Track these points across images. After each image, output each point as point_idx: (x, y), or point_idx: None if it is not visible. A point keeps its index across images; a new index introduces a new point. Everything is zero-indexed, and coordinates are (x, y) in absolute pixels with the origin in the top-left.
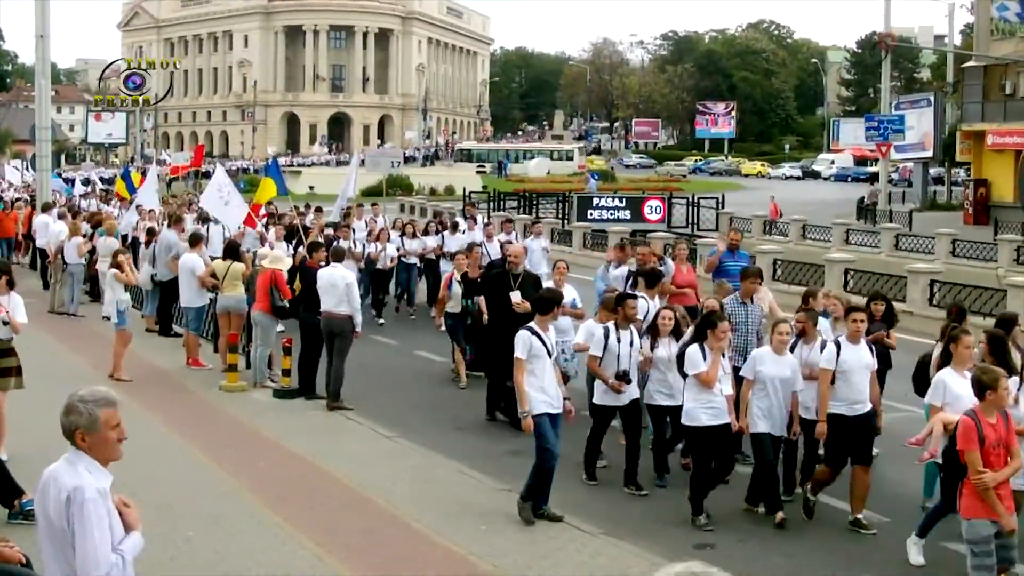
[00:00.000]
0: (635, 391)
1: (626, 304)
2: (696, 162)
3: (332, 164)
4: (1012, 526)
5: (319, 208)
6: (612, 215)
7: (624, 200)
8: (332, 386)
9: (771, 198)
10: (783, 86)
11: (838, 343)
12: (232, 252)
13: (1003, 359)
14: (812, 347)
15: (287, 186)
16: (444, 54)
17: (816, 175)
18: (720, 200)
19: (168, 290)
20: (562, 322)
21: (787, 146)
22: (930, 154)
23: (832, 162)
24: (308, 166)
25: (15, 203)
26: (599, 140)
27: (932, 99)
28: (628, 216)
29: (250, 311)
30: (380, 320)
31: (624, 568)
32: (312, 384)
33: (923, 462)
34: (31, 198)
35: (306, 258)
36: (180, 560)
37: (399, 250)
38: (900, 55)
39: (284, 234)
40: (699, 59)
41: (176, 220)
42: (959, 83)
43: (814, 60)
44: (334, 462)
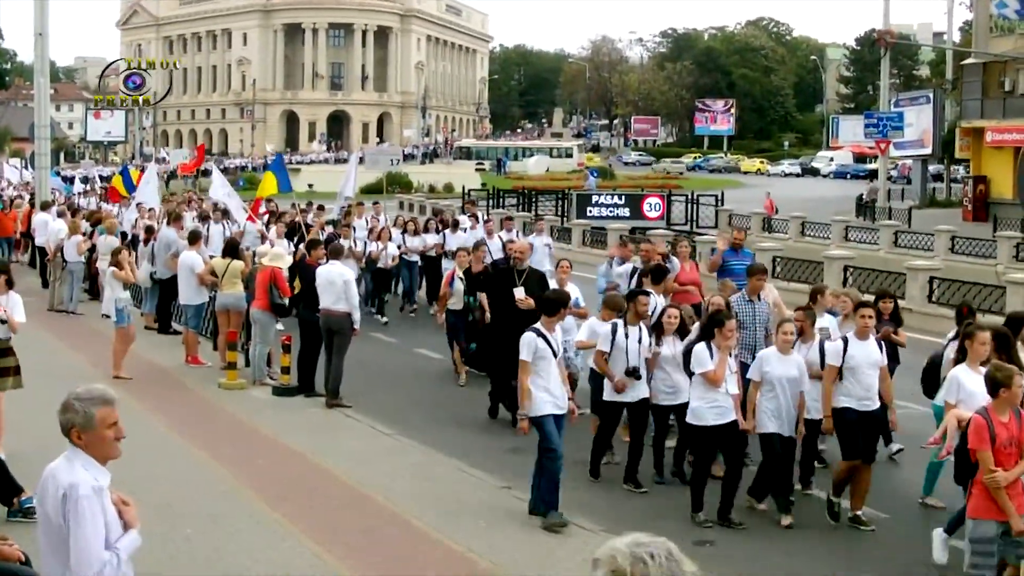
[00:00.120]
0: (645, 389)
1: (637, 300)
2: (695, 159)
3: (331, 162)
4: (1021, 527)
5: (321, 206)
6: (611, 212)
7: (623, 197)
8: (331, 384)
9: (767, 194)
10: (782, 83)
11: (846, 339)
12: (232, 250)
13: (1009, 356)
14: (811, 346)
15: (291, 183)
16: (443, 52)
17: (815, 172)
18: (719, 197)
19: (167, 288)
20: (565, 321)
21: (786, 143)
22: (929, 151)
23: (831, 159)
24: (307, 164)
25: (14, 201)
26: (598, 138)
27: (931, 96)
28: (627, 213)
29: (249, 309)
30: (384, 319)
31: None
32: (311, 382)
33: (942, 459)
34: (31, 196)
35: (305, 256)
36: (179, 558)
37: (400, 247)
38: (899, 52)
39: (285, 232)
40: (698, 56)
41: (175, 218)
42: (958, 80)
43: (813, 57)
44: (333, 460)
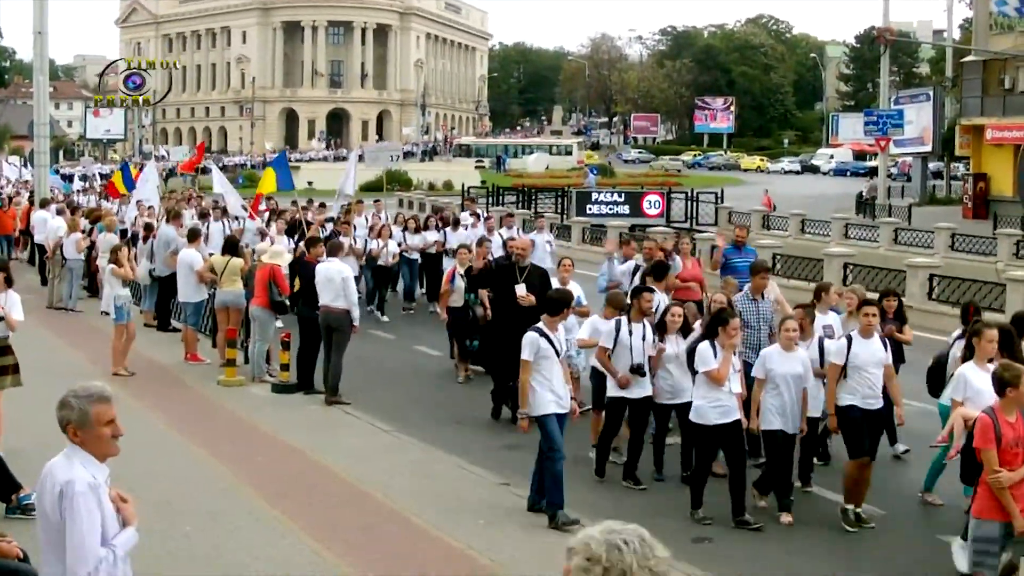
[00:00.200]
0: (648, 387)
1: (642, 297)
2: (695, 157)
3: (330, 160)
4: None
5: (323, 204)
6: (611, 210)
7: (623, 195)
8: (330, 381)
9: (764, 191)
10: (782, 81)
11: (850, 337)
12: (231, 247)
13: (1012, 354)
14: (809, 344)
15: (293, 181)
16: (442, 49)
17: (815, 170)
18: (719, 195)
19: (166, 285)
20: (568, 319)
21: (786, 141)
22: (929, 149)
23: (831, 157)
24: (307, 162)
25: (12, 199)
26: (598, 135)
27: (931, 94)
28: (627, 211)
29: (248, 306)
30: (384, 317)
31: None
32: (310, 379)
33: (951, 459)
34: (30, 194)
35: (304, 253)
36: (178, 555)
37: (400, 245)
38: (899, 50)
39: (285, 229)
40: (697, 54)
41: (175, 215)
42: (958, 78)
43: (813, 55)
44: (333, 457)
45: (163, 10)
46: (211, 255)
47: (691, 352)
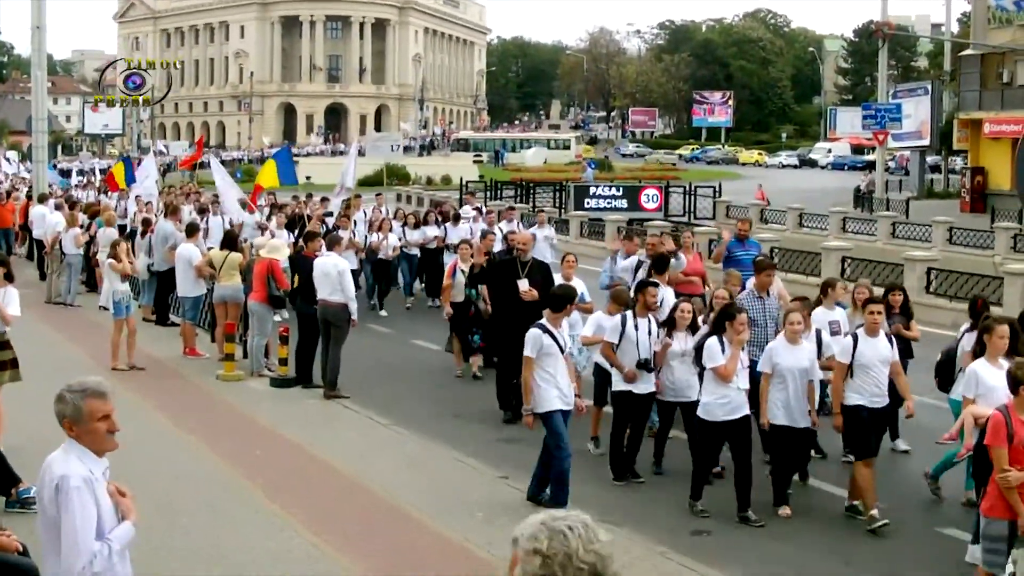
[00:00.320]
0: (652, 382)
1: (646, 291)
2: (693, 151)
3: (328, 154)
4: None
5: (324, 198)
6: (609, 204)
7: (621, 189)
8: (329, 375)
9: (758, 185)
10: (780, 75)
11: (855, 336)
12: (229, 242)
13: (1015, 350)
14: (808, 336)
15: (296, 175)
16: (441, 44)
17: (813, 164)
18: (717, 189)
19: (165, 280)
20: (571, 315)
21: (784, 135)
22: (927, 142)
23: (829, 151)
24: (304, 156)
25: (10, 194)
26: (596, 130)
27: (929, 87)
28: (625, 205)
29: (247, 301)
30: (382, 312)
31: (620, 553)
32: (309, 373)
33: (961, 458)
34: (28, 189)
35: (302, 248)
36: (177, 549)
37: (400, 240)
38: (897, 44)
39: (285, 223)
40: (696, 48)
41: (173, 210)
42: (956, 71)
43: (811, 49)
44: (331, 451)
45: (161, 5)
46: (210, 249)
47: (699, 348)
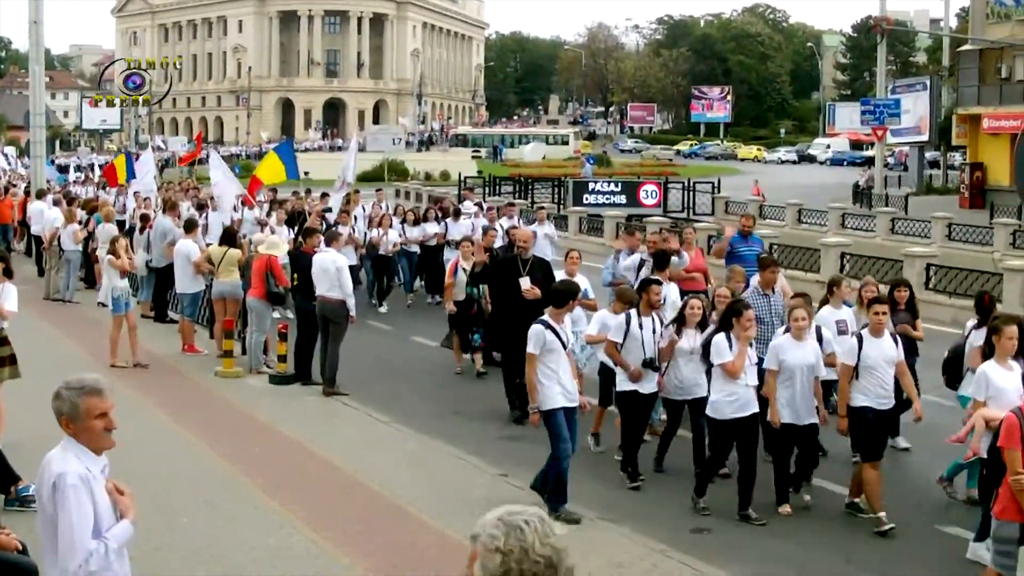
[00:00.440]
0: (655, 381)
1: (650, 289)
2: (691, 146)
3: (326, 149)
4: None
5: (325, 194)
6: (608, 200)
7: (620, 185)
8: (328, 372)
9: (754, 181)
10: (779, 70)
11: (860, 336)
12: (228, 238)
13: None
14: (808, 334)
15: (298, 170)
16: (439, 39)
17: (812, 159)
18: (716, 184)
19: (163, 276)
20: (574, 312)
21: (783, 130)
22: (926, 138)
23: (828, 146)
24: (303, 151)
25: (8, 189)
26: (594, 125)
27: (928, 83)
28: (623, 201)
29: (245, 297)
30: (382, 308)
31: (619, 552)
32: (308, 370)
33: (967, 460)
34: (26, 184)
35: (301, 244)
36: (175, 546)
37: (400, 236)
38: (896, 39)
39: (285, 219)
40: (694, 43)
41: (172, 206)
42: (955, 67)
43: (810, 44)
44: (330, 447)
45: (159, 0)
46: (209, 245)
47: (706, 345)
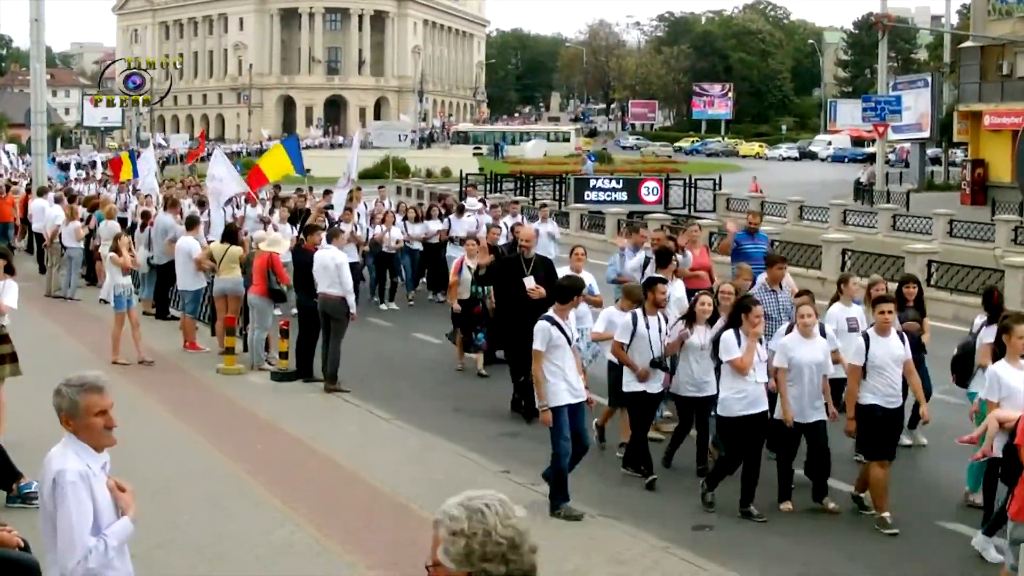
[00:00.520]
0: (660, 381)
1: (655, 289)
2: (693, 143)
3: (326, 147)
4: None
5: (327, 191)
6: (609, 196)
7: (621, 181)
8: (329, 368)
9: (753, 177)
10: (780, 67)
11: (867, 336)
12: (230, 235)
13: None
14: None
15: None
16: (440, 36)
17: (813, 156)
18: (717, 181)
19: (165, 273)
20: (579, 308)
21: (784, 127)
22: (927, 135)
23: (829, 143)
24: (304, 149)
25: (10, 187)
26: (596, 122)
27: (929, 79)
28: (625, 197)
29: (246, 294)
30: (383, 305)
31: (621, 549)
32: (309, 366)
33: (975, 460)
34: (28, 182)
35: (302, 241)
36: (177, 543)
37: (403, 233)
38: (897, 35)
39: (288, 217)
40: (695, 40)
41: (173, 203)
42: (956, 63)
43: (811, 41)
44: (331, 444)
45: None
46: (210, 242)
47: (715, 342)
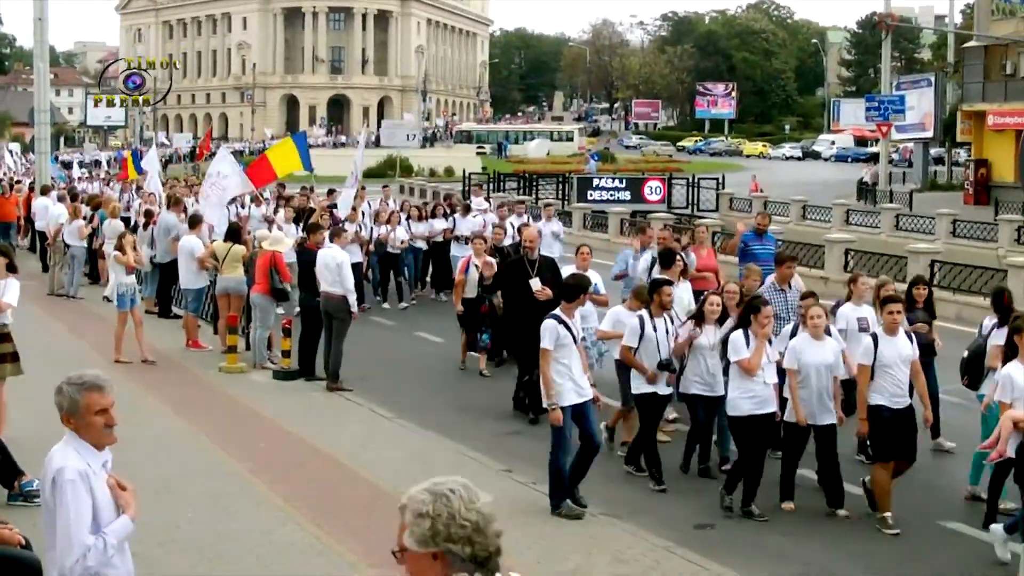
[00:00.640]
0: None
1: (662, 290)
2: (696, 143)
3: (329, 146)
4: None
5: (331, 190)
6: (612, 196)
7: (624, 181)
8: (331, 367)
9: (752, 177)
10: (783, 67)
11: (875, 336)
12: (233, 234)
13: None
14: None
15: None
16: (443, 35)
17: (817, 155)
18: (720, 181)
19: (167, 272)
20: (584, 307)
21: (787, 127)
22: (930, 134)
23: (832, 143)
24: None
25: (14, 186)
26: (599, 121)
27: (933, 79)
28: (628, 197)
29: (249, 293)
30: (386, 304)
31: (622, 547)
32: (312, 365)
33: (992, 462)
34: (31, 181)
35: (305, 240)
36: (179, 541)
37: (407, 233)
38: (900, 35)
39: (293, 216)
40: (699, 40)
41: (175, 202)
42: (960, 63)
43: (814, 40)
44: (333, 443)
45: None
46: (213, 241)
47: (724, 342)
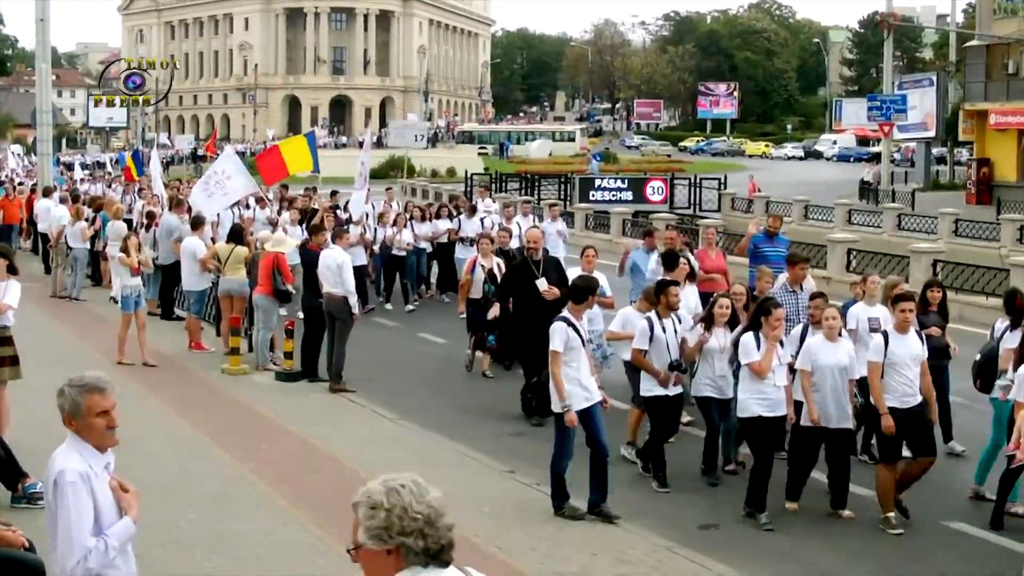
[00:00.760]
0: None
1: (668, 292)
2: (698, 143)
3: (330, 147)
4: None
5: (335, 191)
6: (614, 196)
7: (626, 181)
8: (333, 368)
9: (750, 176)
10: (785, 66)
11: (886, 334)
12: (236, 235)
13: None
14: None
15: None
16: (445, 35)
17: (819, 155)
18: (722, 181)
19: (170, 273)
20: (591, 309)
21: (789, 126)
22: (932, 134)
23: (834, 142)
24: None
25: (16, 188)
26: (601, 121)
27: (935, 79)
28: (630, 197)
29: (252, 295)
30: (388, 305)
31: (625, 548)
32: (314, 366)
33: (1020, 463)
34: (33, 182)
35: (308, 241)
36: (180, 541)
37: (412, 235)
38: (902, 34)
39: (298, 218)
40: (701, 40)
41: (178, 203)
42: (961, 62)
43: (816, 40)
44: (336, 444)
45: None
46: (214, 242)
47: (735, 344)
